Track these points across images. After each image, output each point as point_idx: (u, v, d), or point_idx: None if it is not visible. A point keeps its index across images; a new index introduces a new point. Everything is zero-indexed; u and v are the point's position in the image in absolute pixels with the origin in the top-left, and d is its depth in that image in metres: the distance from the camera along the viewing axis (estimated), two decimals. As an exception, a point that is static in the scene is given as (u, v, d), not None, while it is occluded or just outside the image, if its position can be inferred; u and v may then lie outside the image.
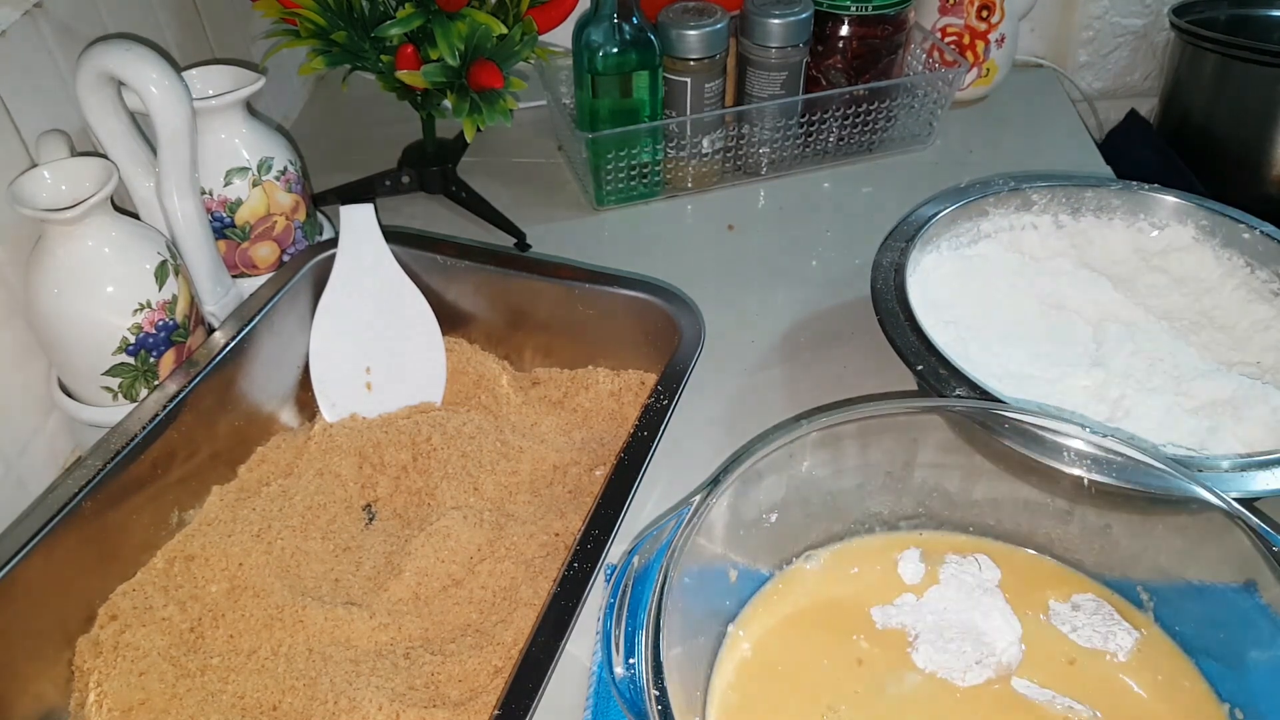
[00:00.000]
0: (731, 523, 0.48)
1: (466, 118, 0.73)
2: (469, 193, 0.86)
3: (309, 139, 0.95)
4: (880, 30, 0.87)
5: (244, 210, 0.69)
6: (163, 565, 0.57)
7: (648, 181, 0.87)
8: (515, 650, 0.52)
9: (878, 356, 0.67)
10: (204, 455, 0.61)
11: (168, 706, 0.51)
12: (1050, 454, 0.50)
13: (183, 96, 0.60)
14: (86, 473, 0.53)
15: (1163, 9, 1.06)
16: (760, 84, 0.86)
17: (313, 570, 0.58)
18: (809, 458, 0.51)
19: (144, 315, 0.60)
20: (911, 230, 0.66)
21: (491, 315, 0.70)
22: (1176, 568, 0.49)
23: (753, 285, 0.79)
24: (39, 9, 0.62)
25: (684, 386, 0.58)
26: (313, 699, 0.50)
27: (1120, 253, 0.70)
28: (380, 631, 0.54)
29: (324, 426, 0.66)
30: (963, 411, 0.51)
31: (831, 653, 0.48)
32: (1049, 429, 0.49)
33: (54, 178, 0.59)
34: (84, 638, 0.53)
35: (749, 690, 0.47)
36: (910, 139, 0.94)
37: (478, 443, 0.63)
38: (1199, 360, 0.62)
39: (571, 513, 0.59)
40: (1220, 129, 0.99)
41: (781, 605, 0.51)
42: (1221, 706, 0.45)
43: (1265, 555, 0.43)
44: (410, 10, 0.71)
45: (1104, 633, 0.48)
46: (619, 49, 0.79)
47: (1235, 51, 0.94)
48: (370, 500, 0.63)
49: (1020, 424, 0.49)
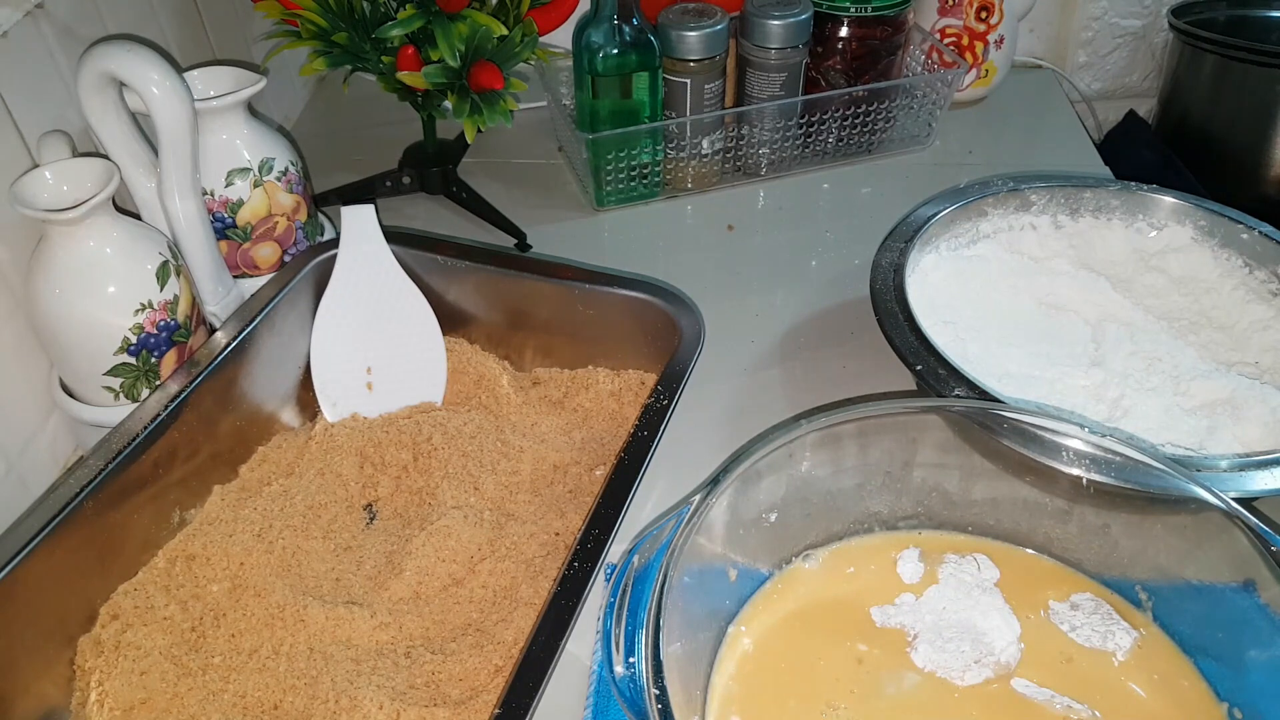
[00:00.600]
0: (731, 522, 0.49)
1: (467, 118, 0.73)
2: (469, 193, 0.86)
3: (310, 140, 0.95)
4: (879, 31, 0.87)
5: (245, 211, 0.70)
6: (164, 564, 0.57)
7: (648, 182, 0.87)
8: (516, 649, 0.52)
9: (877, 356, 0.67)
10: (205, 455, 0.61)
11: (169, 706, 0.51)
12: (1049, 454, 0.50)
13: (184, 97, 0.61)
14: (88, 472, 0.53)
15: (1161, 10, 1.07)
16: (760, 85, 0.86)
17: (314, 569, 0.58)
18: (808, 458, 0.51)
19: (145, 315, 0.60)
20: (910, 231, 0.66)
21: (492, 315, 0.70)
22: (1175, 567, 0.49)
23: (753, 285, 0.80)
24: (40, 10, 0.62)
25: (684, 386, 0.59)
26: (314, 698, 0.50)
27: (1119, 253, 0.70)
28: (381, 631, 0.54)
29: (325, 426, 0.66)
30: (962, 411, 0.52)
31: (831, 652, 0.48)
32: (1048, 429, 0.49)
33: (55, 178, 0.59)
34: (85, 637, 0.53)
35: (750, 685, 0.47)
36: (909, 140, 0.94)
37: (478, 442, 0.64)
38: (1197, 360, 0.62)
39: (571, 512, 0.60)
40: (1219, 130, 0.99)
41: (781, 605, 0.51)
42: (1220, 705, 0.45)
43: (1264, 555, 0.43)
44: (411, 11, 0.71)
45: (1103, 632, 0.48)
46: (619, 50, 0.79)
47: (1234, 52, 0.94)
48: (371, 500, 0.63)
49: (1019, 424, 0.50)
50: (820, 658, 0.48)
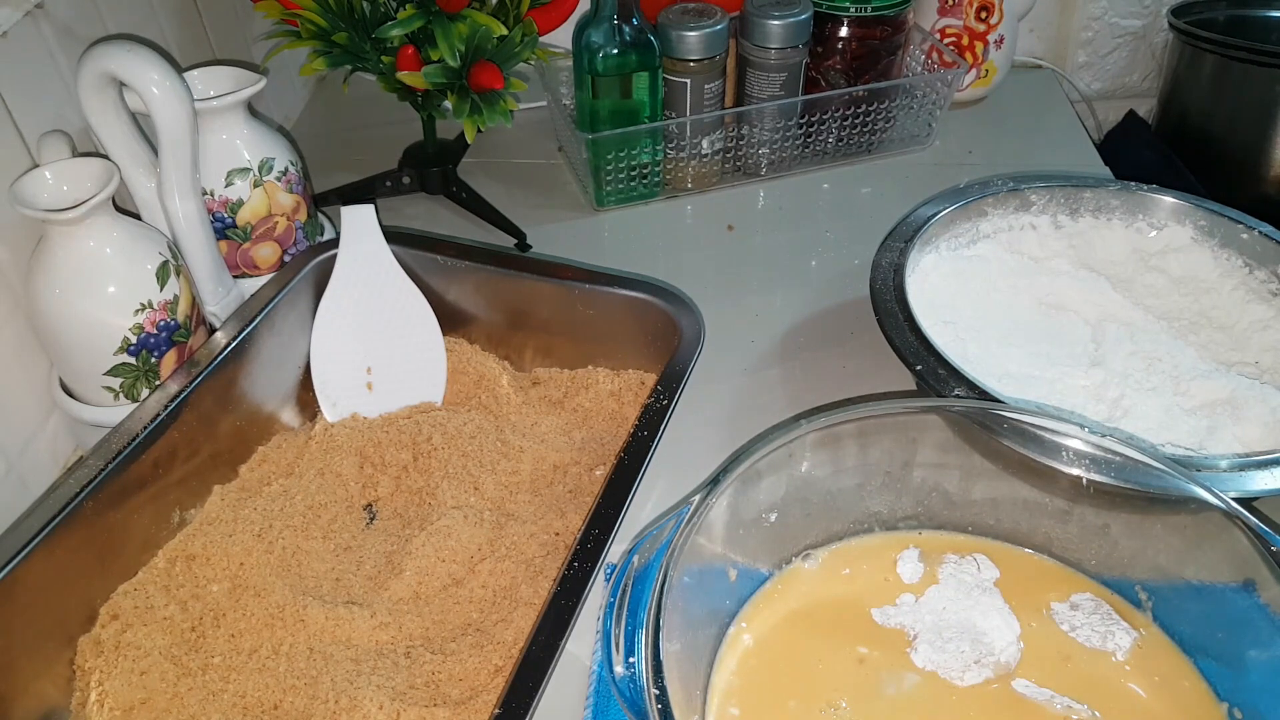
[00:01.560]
0: (731, 522, 0.49)
1: (467, 118, 0.73)
2: (469, 193, 0.86)
3: (310, 140, 0.95)
4: (879, 31, 0.87)
5: (245, 211, 0.70)
6: (164, 565, 0.57)
7: (647, 182, 0.87)
8: (515, 649, 0.52)
9: (877, 356, 0.67)
10: (205, 455, 0.61)
11: (169, 706, 0.51)
12: (1049, 454, 0.50)
13: (184, 97, 0.61)
14: (88, 472, 0.53)
15: (1161, 10, 1.07)
16: (760, 85, 0.86)
17: (314, 569, 0.58)
18: (808, 458, 0.51)
19: (145, 315, 0.60)
20: (910, 231, 0.66)
21: (492, 315, 0.70)
22: (1175, 567, 0.49)
23: (753, 285, 0.80)
24: (40, 10, 0.62)
25: (684, 386, 0.59)
26: (314, 698, 0.50)
27: (1119, 253, 0.70)
28: (381, 631, 0.54)
29: (325, 426, 0.66)
30: (962, 411, 0.52)
31: (831, 652, 0.48)
32: (1048, 429, 0.49)
33: (55, 178, 0.59)
34: (85, 637, 0.53)
35: (750, 685, 0.47)
36: (909, 140, 0.94)
37: (478, 442, 0.64)
38: (1197, 360, 0.62)
39: (571, 512, 0.60)
40: (1218, 129, 0.99)
41: (781, 605, 0.51)
42: (1220, 706, 0.45)
43: (1263, 555, 0.43)
44: (411, 11, 0.71)
45: (1102, 632, 0.48)
46: (619, 50, 0.79)
47: (1234, 52, 0.94)
48: (371, 500, 0.63)
49: (1019, 424, 0.50)
50: (820, 658, 0.48)
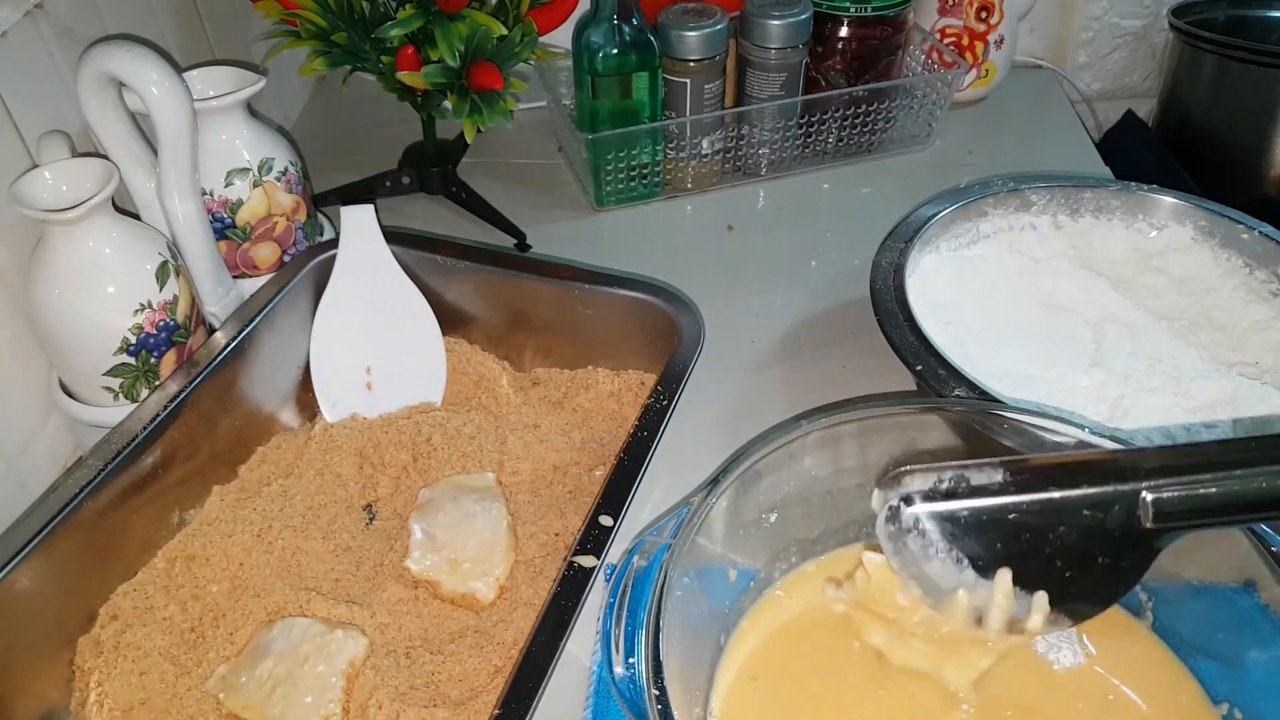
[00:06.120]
0: (731, 523, 0.49)
1: (467, 118, 0.73)
2: (469, 193, 0.86)
3: (309, 140, 0.95)
4: (879, 31, 0.87)
5: (245, 211, 0.70)
6: (164, 565, 0.57)
7: (647, 182, 0.87)
8: (515, 650, 0.52)
9: (877, 357, 0.67)
10: (205, 455, 0.61)
11: (168, 706, 0.51)
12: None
13: (183, 97, 0.61)
14: (87, 473, 0.53)
15: (1161, 10, 1.07)
16: (760, 85, 0.86)
17: (313, 570, 0.58)
18: (809, 458, 0.51)
19: (145, 316, 0.60)
20: (911, 231, 0.66)
21: (491, 315, 0.70)
22: (1175, 567, 0.49)
23: (753, 285, 0.80)
24: (39, 10, 0.62)
25: (684, 386, 0.59)
26: (313, 698, 0.50)
27: (1119, 253, 0.70)
28: (381, 631, 0.54)
29: (324, 426, 0.66)
30: (962, 412, 0.52)
31: (832, 652, 0.48)
32: (1048, 429, 0.49)
33: (55, 178, 0.59)
34: (85, 637, 0.53)
35: (750, 685, 0.47)
36: (909, 140, 0.94)
37: (478, 443, 0.64)
38: (1198, 360, 0.62)
39: (571, 512, 0.60)
40: (1219, 130, 0.99)
41: (781, 605, 0.51)
42: (1217, 708, 0.45)
43: (1264, 555, 0.43)
44: (411, 11, 0.71)
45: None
46: (619, 50, 0.79)
47: (1234, 52, 0.94)
48: (371, 500, 0.63)
49: (1019, 424, 0.50)
50: (821, 658, 0.48)
